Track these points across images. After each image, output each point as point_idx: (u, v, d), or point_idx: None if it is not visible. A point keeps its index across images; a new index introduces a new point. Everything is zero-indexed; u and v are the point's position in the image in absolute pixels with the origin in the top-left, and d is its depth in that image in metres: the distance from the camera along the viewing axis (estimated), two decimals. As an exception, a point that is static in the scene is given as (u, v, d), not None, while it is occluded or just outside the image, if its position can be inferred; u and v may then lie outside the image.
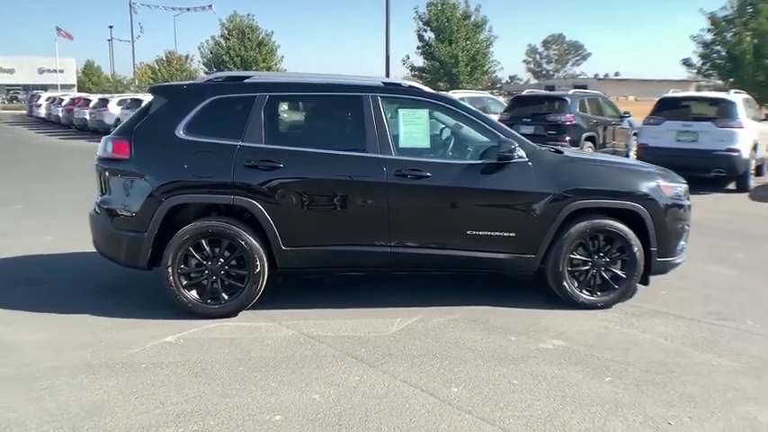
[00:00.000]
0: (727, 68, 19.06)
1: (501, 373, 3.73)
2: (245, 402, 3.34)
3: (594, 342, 4.24)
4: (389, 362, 3.88)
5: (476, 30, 26.75)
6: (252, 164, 4.46)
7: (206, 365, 3.79)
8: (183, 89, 4.71)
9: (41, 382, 3.54)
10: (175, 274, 4.46)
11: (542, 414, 3.26)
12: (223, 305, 4.54)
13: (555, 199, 4.66)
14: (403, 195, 4.57)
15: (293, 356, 3.95)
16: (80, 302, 4.89)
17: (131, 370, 3.72)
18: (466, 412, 3.26)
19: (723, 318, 4.73)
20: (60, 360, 3.85)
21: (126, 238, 4.52)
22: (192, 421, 3.14)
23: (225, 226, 4.46)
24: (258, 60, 36.28)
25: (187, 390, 3.47)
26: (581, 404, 3.37)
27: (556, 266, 4.76)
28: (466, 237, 4.67)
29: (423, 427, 3.11)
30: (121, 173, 4.53)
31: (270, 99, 4.61)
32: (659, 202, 4.81)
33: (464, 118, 4.87)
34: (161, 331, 4.32)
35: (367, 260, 4.68)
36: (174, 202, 4.43)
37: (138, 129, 4.54)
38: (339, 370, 3.75)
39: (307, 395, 3.43)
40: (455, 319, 4.61)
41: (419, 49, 27.45)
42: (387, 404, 3.34)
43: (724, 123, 10.80)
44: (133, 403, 3.32)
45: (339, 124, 4.90)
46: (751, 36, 17.41)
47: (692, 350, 4.14)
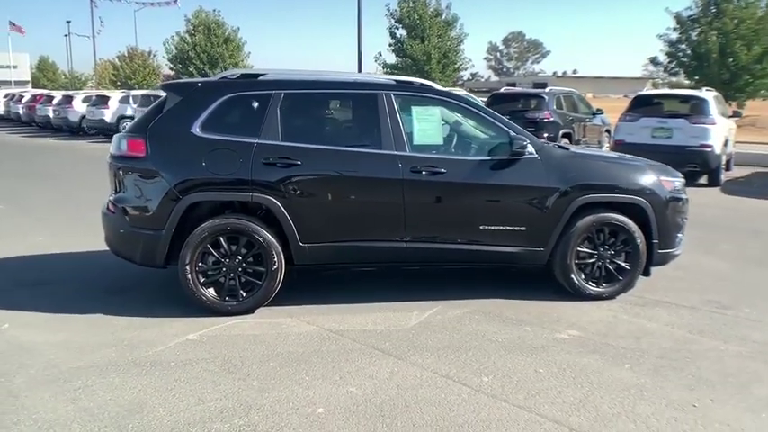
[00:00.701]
0: (692, 66, 19.73)
1: (525, 363, 3.86)
2: (284, 397, 3.38)
3: (606, 331, 4.41)
4: (416, 354, 3.96)
5: (447, 27, 27.02)
6: (270, 161, 4.48)
7: (236, 362, 3.81)
8: (197, 87, 4.68)
9: (72, 383, 3.51)
10: (194, 272, 4.46)
11: (574, 400, 3.39)
12: (241, 302, 4.56)
13: (564, 194, 4.81)
14: (418, 191, 4.66)
15: (321, 351, 4.00)
16: (90, 302, 4.84)
17: (162, 368, 3.71)
18: (501, 400, 3.37)
19: (722, 306, 4.96)
20: (85, 360, 3.81)
21: (143, 236, 4.49)
22: (236, 416, 3.17)
23: (243, 223, 4.47)
24: (225, 57, 35.87)
25: (223, 386, 3.49)
26: (608, 390, 3.51)
27: (564, 259, 4.92)
28: (479, 231, 4.78)
29: (463, 415, 3.20)
30: (137, 171, 4.49)
31: (285, 96, 4.63)
32: (660, 195, 5.01)
33: (474, 115, 4.98)
34: (180, 329, 4.32)
35: (382, 255, 4.75)
36: (192, 200, 4.42)
37: (153, 126, 4.51)
38: (369, 363, 3.82)
39: (343, 388, 3.49)
40: (469, 312, 4.73)
41: (391, 46, 27.59)
42: (423, 394, 3.42)
43: (697, 120, 11.20)
44: (172, 401, 3.32)
45: (354, 121, 4.95)
46: (716, 35, 18.07)
47: (699, 337, 4.34)
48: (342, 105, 4.98)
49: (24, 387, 3.46)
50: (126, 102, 23.31)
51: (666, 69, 21.13)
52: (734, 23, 17.89)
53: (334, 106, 5.01)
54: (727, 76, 18.17)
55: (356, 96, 4.85)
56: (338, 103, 4.96)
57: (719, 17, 18.28)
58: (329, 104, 4.99)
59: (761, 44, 17.92)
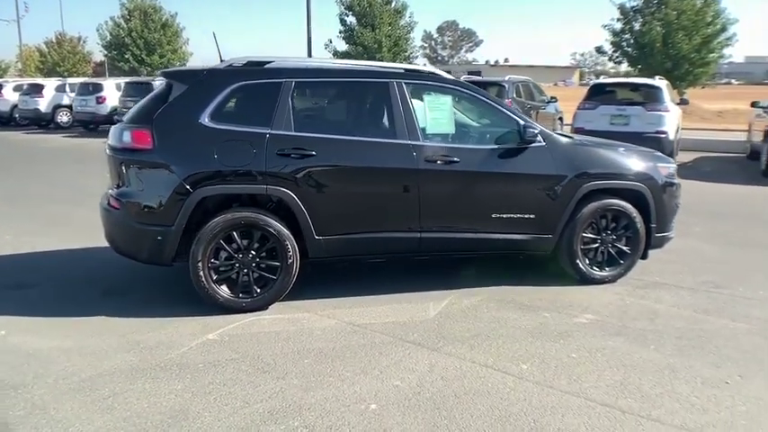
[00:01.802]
0: (635, 56, 20.49)
1: (556, 348, 3.91)
2: (331, 394, 3.29)
3: (620, 314, 4.52)
4: (447, 344, 3.94)
5: (397, 15, 26.96)
6: (284, 152, 4.33)
7: (268, 360, 3.69)
8: (203, 75, 4.45)
9: (100, 391, 3.30)
10: (206, 269, 4.27)
11: (615, 382, 3.46)
12: (255, 298, 4.41)
13: (571, 181, 4.89)
14: (433, 181, 4.62)
15: (351, 345, 3.92)
16: (87, 304, 4.58)
17: (191, 371, 3.55)
18: (547, 387, 3.40)
19: (716, 286, 5.18)
20: (105, 366, 3.60)
21: (150, 233, 4.26)
22: (288, 417, 3.06)
23: (258, 217, 4.31)
24: (163, 42, 34.56)
25: (263, 386, 3.37)
26: (643, 371, 3.60)
27: (570, 245, 5.01)
28: (490, 220, 4.80)
29: (516, 404, 3.21)
30: (144, 164, 4.25)
31: (296, 85, 4.48)
32: (658, 181, 5.17)
33: (483, 103, 4.98)
34: (196, 329, 4.14)
35: (397, 246, 4.70)
36: (203, 194, 4.22)
37: (158, 117, 4.27)
38: (404, 356, 3.78)
39: (388, 382, 3.43)
40: (483, 300, 4.75)
41: (341, 33, 27.29)
42: (469, 385, 3.41)
43: (653, 107, 11.63)
44: (215, 405, 3.18)
45: (366, 111, 4.84)
46: (660, 26, 18.81)
47: (706, 316, 4.51)
48: (354, 94, 4.85)
49: (48, 398, 3.23)
50: (62, 90, 22.18)
51: (611, 58, 21.91)
52: (675, 14, 18.71)
53: (345, 95, 4.87)
54: (670, 65, 19.02)
55: (368, 85, 4.75)
56: (350, 91, 4.83)
57: (662, 8, 19.05)
58: (340, 93, 4.86)
59: (700, 34, 18.84)
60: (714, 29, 19.42)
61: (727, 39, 19.80)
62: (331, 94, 4.78)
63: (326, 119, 4.69)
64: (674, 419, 3.08)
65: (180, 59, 36.17)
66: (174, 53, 35.50)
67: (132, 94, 19.35)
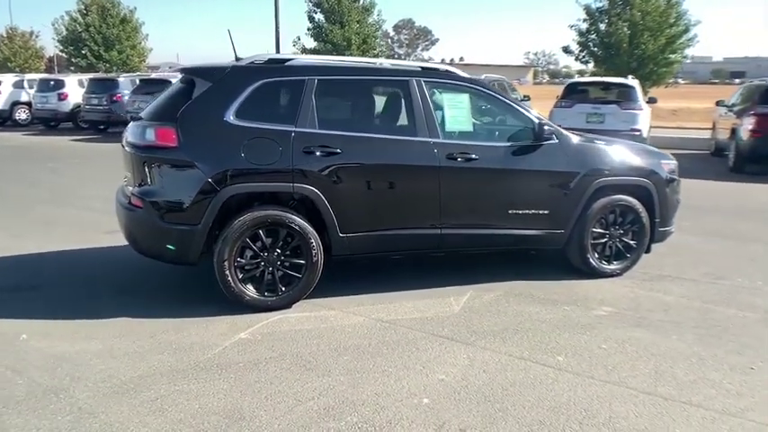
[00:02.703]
0: (602, 56, 21.04)
1: (584, 340, 4.02)
2: (380, 390, 3.31)
3: (635, 306, 4.67)
4: (480, 338, 4.01)
5: (365, 13, 26.94)
6: (310, 150, 4.32)
7: (308, 358, 3.68)
8: (227, 72, 4.39)
9: (145, 393, 3.24)
10: (232, 268, 4.23)
11: (650, 371, 3.58)
12: (281, 297, 4.39)
13: (582, 177, 5.01)
14: (453, 178, 4.68)
15: (386, 342, 3.94)
16: (104, 305, 4.48)
17: (233, 370, 3.51)
18: (588, 377, 3.50)
19: (717, 277, 5.40)
20: (143, 368, 3.53)
21: (176, 232, 4.19)
22: (345, 413, 3.07)
23: (284, 215, 4.29)
24: (122, 38, 33.62)
25: (310, 384, 3.37)
26: (673, 360, 3.74)
27: (581, 240, 5.14)
28: (507, 216, 4.89)
29: (562, 395, 3.29)
30: (169, 162, 4.17)
31: (319, 82, 4.47)
32: (662, 177, 5.35)
33: (498, 101, 5.06)
34: (224, 328, 4.10)
35: (418, 243, 4.74)
36: (230, 192, 4.18)
37: (182, 114, 4.19)
38: (441, 351, 3.82)
39: (432, 377, 3.47)
40: (502, 295, 4.83)
41: (310, 30, 27.11)
42: (513, 378, 3.48)
43: (627, 106, 11.98)
44: (268, 403, 3.16)
45: (388, 108, 4.86)
46: (627, 26, 19.36)
47: (715, 306, 4.70)
48: (375, 92, 4.86)
49: (93, 402, 3.15)
50: (20, 86, 21.47)
51: (578, 58, 22.45)
52: (640, 15, 19.30)
53: (366, 93, 4.87)
54: (635, 64, 19.62)
55: (388, 83, 4.77)
56: (371, 89, 4.84)
57: (627, 9, 19.62)
58: (362, 91, 4.84)
59: (665, 35, 19.49)
60: (677, 30, 20.12)
61: (688, 39, 20.57)
62: (353, 92, 4.77)
63: (349, 117, 4.69)
64: (714, 404, 3.22)
65: (139, 56, 35.32)
66: (133, 49, 34.56)
67: (97, 91, 18.89)
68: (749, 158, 11.51)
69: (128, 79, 19.55)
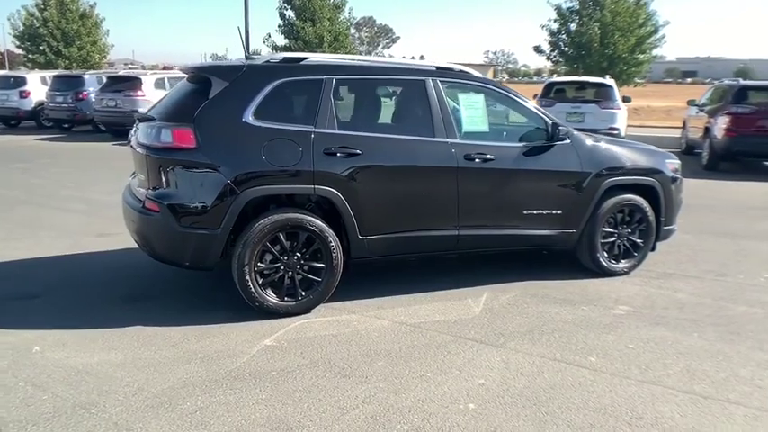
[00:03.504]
0: (573, 55, 21.39)
1: (611, 340, 4.04)
2: (423, 396, 3.26)
3: (650, 304, 4.72)
4: (508, 340, 3.99)
5: (336, 10, 26.75)
6: (331, 151, 4.23)
7: (341, 365, 3.60)
8: (244, 71, 4.25)
9: (182, 406, 3.11)
10: (252, 273, 4.11)
11: (681, 369, 3.62)
12: (300, 301, 4.29)
13: (594, 177, 5.05)
14: (471, 179, 4.65)
15: (416, 346, 3.89)
16: (114, 313, 4.31)
17: (268, 379, 3.41)
18: (624, 377, 3.51)
19: (719, 274, 5.51)
20: (172, 380, 3.39)
21: (194, 236, 4.04)
22: (395, 421, 3.00)
23: (305, 218, 4.19)
24: (82, 34, 32.65)
25: (351, 391, 3.28)
26: (700, 357, 3.79)
27: (592, 239, 5.18)
28: (522, 216, 4.89)
29: (604, 396, 3.30)
30: (187, 164, 4.01)
31: (337, 82, 4.38)
32: (668, 176, 5.44)
33: (512, 101, 5.05)
34: (247, 335, 3.98)
35: (436, 244, 4.70)
36: (251, 195, 4.05)
37: (200, 115, 4.04)
38: (473, 354, 3.79)
39: (472, 381, 3.44)
40: (518, 296, 4.83)
41: (280, 27, 26.77)
42: (551, 380, 3.47)
43: (606, 105, 12.20)
44: (312, 413, 3.07)
45: (406, 108, 4.79)
46: (598, 26, 19.73)
47: (725, 303, 4.79)
48: (392, 92, 4.79)
49: (128, 417, 3.01)
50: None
51: (549, 57, 22.78)
52: (611, 16, 19.71)
53: (384, 93, 4.80)
54: (606, 64, 20.03)
55: (405, 83, 4.70)
56: (388, 89, 4.77)
57: (597, 9, 20.00)
58: (379, 91, 4.77)
59: (634, 35, 19.94)
60: (647, 30, 20.60)
61: (656, 40, 21.10)
62: (370, 92, 4.68)
63: (367, 117, 4.60)
64: (752, 402, 3.27)
65: (100, 52, 34.39)
66: (93, 45, 33.61)
67: (61, 89, 18.27)
68: (723, 157, 11.84)
69: (94, 77, 18.94)
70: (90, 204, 8.09)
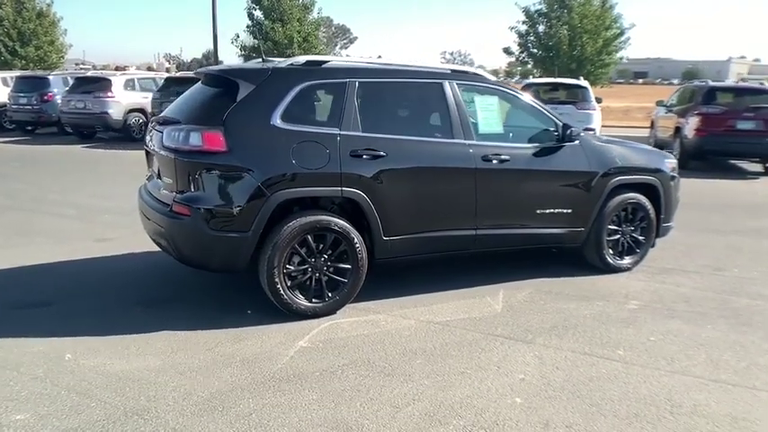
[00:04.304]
0: (542, 57, 21.84)
1: (632, 334, 4.19)
2: (469, 392, 3.33)
3: (659, 299, 4.91)
4: (536, 336, 4.10)
5: (305, 11, 26.61)
6: (357, 153, 4.27)
7: (382, 364, 3.64)
8: (270, 74, 4.25)
9: (236, 409, 3.11)
10: (282, 275, 4.12)
11: (705, 360, 3.80)
12: (327, 303, 4.32)
13: (601, 176, 5.23)
14: (488, 179, 4.76)
15: (449, 343, 3.97)
16: (138, 319, 4.26)
17: (313, 380, 3.43)
18: (654, 369, 3.66)
19: (716, 269, 5.76)
20: (218, 384, 3.37)
21: (225, 240, 4.02)
22: (449, 417, 3.07)
23: (332, 220, 4.22)
24: (39, 33, 31.66)
25: (398, 389, 3.34)
26: (719, 348, 3.98)
27: (599, 237, 5.36)
28: (535, 215, 5.02)
29: (641, 386, 3.43)
30: (218, 167, 3.99)
31: (360, 85, 4.42)
32: (667, 175, 5.67)
33: (523, 103, 5.19)
34: (279, 338, 3.99)
35: (455, 244, 4.79)
36: (282, 197, 4.06)
37: (229, 117, 4.03)
38: (506, 350, 3.88)
39: (513, 376, 3.53)
40: (534, 293, 4.96)
41: (249, 27, 26.49)
42: (587, 373, 3.59)
43: (582, 106, 12.53)
44: (367, 412, 3.11)
45: (425, 111, 4.85)
46: (567, 29, 20.19)
47: (728, 296, 5.02)
48: (411, 94, 4.84)
49: (185, 421, 2.99)
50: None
51: (518, 59, 23.20)
52: (578, 18, 20.21)
53: (404, 95, 4.84)
54: (574, 66, 20.53)
55: (423, 85, 4.77)
56: (408, 91, 4.81)
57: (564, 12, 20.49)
58: (399, 93, 4.80)
59: (602, 37, 20.50)
60: (613, 33, 21.21)
61: (620, 42, 21.74)
62: (390, 94, 4.72)
63: (389, 119, 4.64)
64: (776, 388, 3.46)
65: (58, 52, 33.42)
66: (51, 45, 32.63)
67: (25, 90, 17.73)
68: (694, 156, 12.29)
69: (59, 77, 18.44)
70: (80, 209, 7.91)
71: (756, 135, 11.80)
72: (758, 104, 12.10)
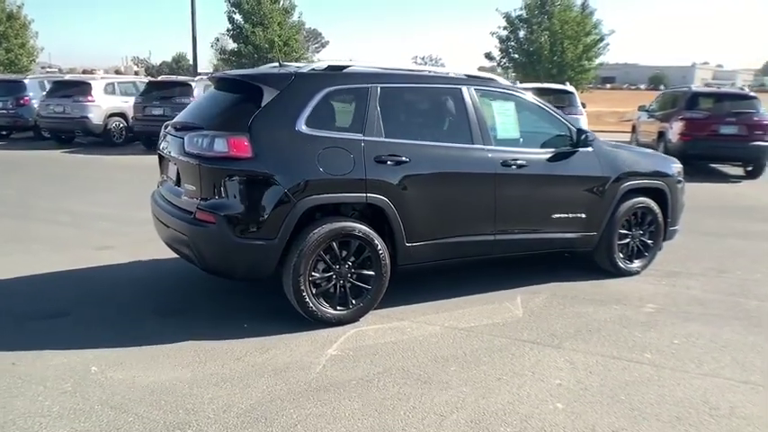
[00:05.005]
0: (522, 62, 22.07)
1: (655, 337, 4.24)
2: (510, 398, 3.33)
3: (672, 302, 4.98)
4: (563, 341, 4.12)
5: (285, 14, 26.44)
6: (381, 159, 4.24)
7: (415, 371, 3.62)
8: (293, 80, 4.19)
9: (281, 420, 3.06)
10: (307, 282, 4.07)
11: (730, 362, 3.86)
12: (352, 310, 4.28)
13: (613, 181, 5.29)
14: (507, 185, 4.77)
15: (479, 349, 3.96)
16: (158, 329, 4.17)
17: (351, 389, 3.39)
18: (684, 372, 3.71)
19: (720, 271, 5.87)
20: (256, 394, 3.31)
21: (251, 247, 3.96)
22: (496, 424, 3.06)
23: (357, 226, 4.19)
24: (9, 36, 30.93)
25: (439, 397, 3.31)
26: (741, 350, 4.04)
27: (610, 241, 5.42)
28: (551, 220, 5.06)
29: (676, 389, 3.47)
30: (244, 174, 3.92)
31: (382, 90, 4.40)
32: (674, 179, 5.76)
33: (538, 109, 5.23)
34: (307, 346, 3.94)
35: (475, 249, 4.79)
36: (308, 204, 4.01)
37: (254, 123, 3.97)
38: (537, 355, 3.89)
39: (548, 381, 3.54)
40: (550, 297, 4.99)
41: (229, 31, 26.19)
42: (620, 377, 3.61)
43: (570, 111, 12.64)
44: (412, 421, 3.08)
45: (445, 116, 4.83)
46: (548, 35, 20.46)
47: (738, 299, 5.11)
48: (431, 100, 4.83)
49: (229, 434, 2.93)
50: None
51: (499, 64, 23.42)
52: (559, 24, 20.49)
53: (423, 100, 4.83)
54: (555, 71, 20.80)
55: (443, 91, 4.77)
56: (428, 97, 4.80)
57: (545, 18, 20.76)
58: (419, 99, 4.80)
59: (582, 43, 20.82)
60: (593, 39, 21.56)
61: (598, 48, 22.10)
62: (411, 100, 4.72)
63: (410, 125, 4.63)
64: (805, 388, 3.53)
65: (29, 55, 32.68)
66: (21, 48, 31.89)
67: (1, 94, 17.22)
68: (678, 160, 12.50)
69: (35, 81, 18.00)
70: (73, 215, 7.71)
71: (738, 139, 12.10)
72: (739, 110, 12.39)
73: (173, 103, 14.84)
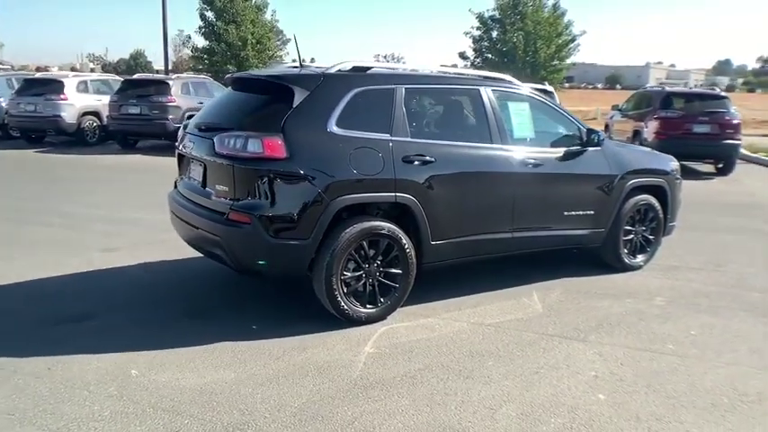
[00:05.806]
0: (497, 62, 22.38)
1: (674, 329, 4.41)
2: (553, 390, 3.44)
3: (680, 296, 5.17)
4: (587, 335, 4.26)
5: (258, 12, 26.16)
6: (408, 159, 4.30)
7: (455, 367, 3.70)
8: (322, 80, 4.21)
9: (337, 418, 3.10)
10: (339, 282, 4.12)
11: (749, 351, 4.05)
12: (380, 308, 4.33)
13: (620, 179, 5.47)
14: (525, 183, 4.90)
15: (510, 344, 4.06)
16: (191, 331, 4.15)
17: (396, 386, 3.45)
18: (707, 361, 3.88)
19: (717, 265, 6.12)
20: (305, 393, 3.34)
21: (285, 247, 3.97)
22: (547, 415, 3.16)
23: (386, 226, 4.24)
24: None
25: (484, 392, 3.40)
26: (755, 339, 4.25)
27: (616, 237, 5.60)
28: (563, 217, 5.20)
29: (703, 378, 3.63)
30: (279, 174, 3.93)
31: (407, 91, 4.46)
32: (673, 177, 5.98)
33: (550, 109, 5.36)
34: (342, 344, 3.98)
35: (494, 247, 4.90)
36: (341, 204, 4.05)
37: (287, 124, 3.98)
38: (567, 349, 4.01)
39: (585, 373, 3.66)
40: (564, 292, 5.13)
41: (201, 29, 25.78)
42: (649, 367, 3.77)
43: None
44: (465, 414, 3.16)
45: (466, 116, 4.93)
46: (522, 35, 20.78)
47: (740, 291, 5.34)
48: (452, 100, 4.91)
49: None
50: None
51: (473, 64, 23.67)
52: (532, 25, 20.86)
53: (445, 101, 4.91)
54: (529, 71, 21.16)
55: (463, 91, 4.86)
56: (448, 97, 4.88)
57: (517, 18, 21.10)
58: (440, 99, 4.88)
59: (554, 43, 21.22)
60: (564, 39, 21.99)
61: (569, 49, 22.56)
62: (433, 100, 4.81)
63: (434, 125, 4.71)
64: (823, 375, 3.74)
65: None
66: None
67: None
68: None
69: (3, 79, 17.44)
70: (65, 217, 7.54)
71: (711, 138, 12.55)
72: (712, 109, 12.85)
73: (150, 101, 14.60)
